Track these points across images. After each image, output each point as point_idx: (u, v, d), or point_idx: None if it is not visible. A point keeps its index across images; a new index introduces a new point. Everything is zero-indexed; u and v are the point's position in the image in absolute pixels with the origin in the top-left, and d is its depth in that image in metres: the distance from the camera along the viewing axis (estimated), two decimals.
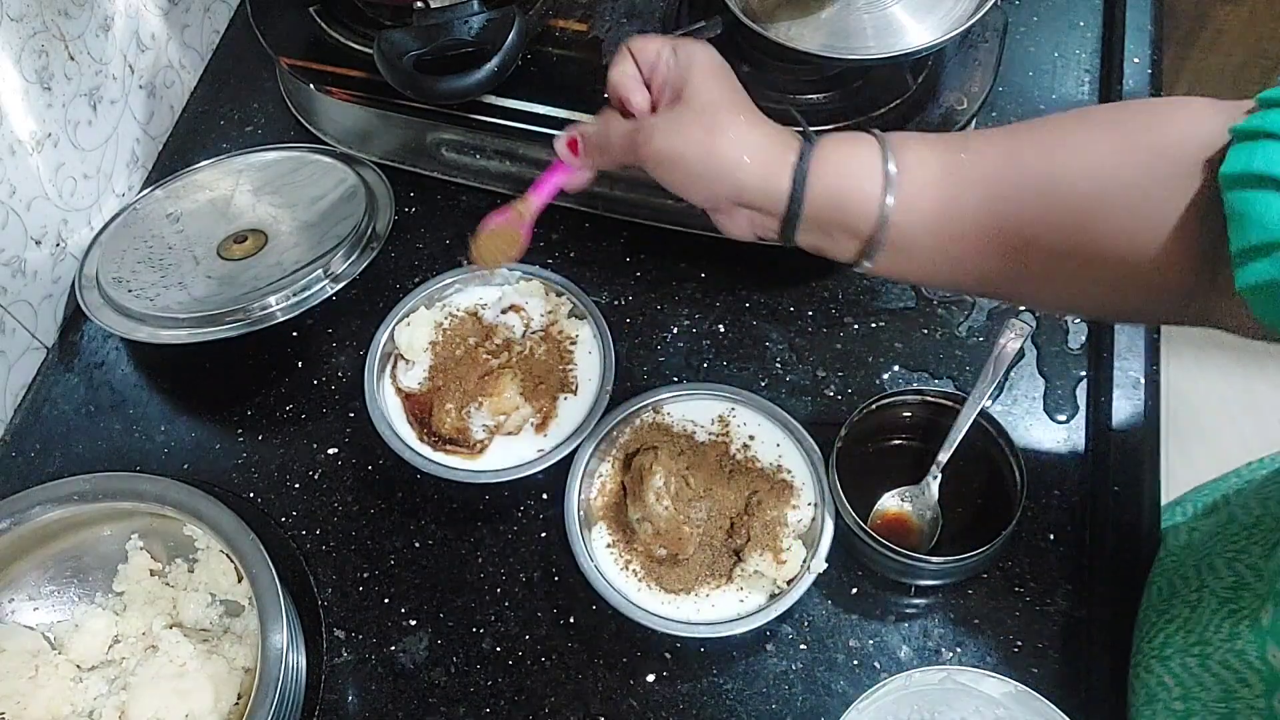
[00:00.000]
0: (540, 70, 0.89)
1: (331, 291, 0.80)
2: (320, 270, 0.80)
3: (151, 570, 0.76)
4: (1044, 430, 0.81)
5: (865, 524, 0.72)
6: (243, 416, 0.84)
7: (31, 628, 0.74)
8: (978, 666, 0.69)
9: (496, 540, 0.78)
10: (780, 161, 0.60)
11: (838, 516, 0.73)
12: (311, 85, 0.90)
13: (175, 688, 0.70)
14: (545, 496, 0.79)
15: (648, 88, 0.66)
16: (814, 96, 0.84)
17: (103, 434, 0.84)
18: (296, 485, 0.81)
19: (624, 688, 0.72)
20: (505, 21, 0.85)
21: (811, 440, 0.76)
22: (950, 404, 0.76)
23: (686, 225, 0.89)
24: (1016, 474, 0.73)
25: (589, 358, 0.82)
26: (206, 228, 0.88)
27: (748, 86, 0.84)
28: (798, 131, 0.62)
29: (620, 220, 0.91)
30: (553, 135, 0.85)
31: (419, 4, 0.86)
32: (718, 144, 0.60)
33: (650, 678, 0.73)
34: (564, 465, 0.76)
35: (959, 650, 0.72)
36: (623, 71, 0.65)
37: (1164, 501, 0.78)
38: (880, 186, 0.59)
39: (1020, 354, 0.82)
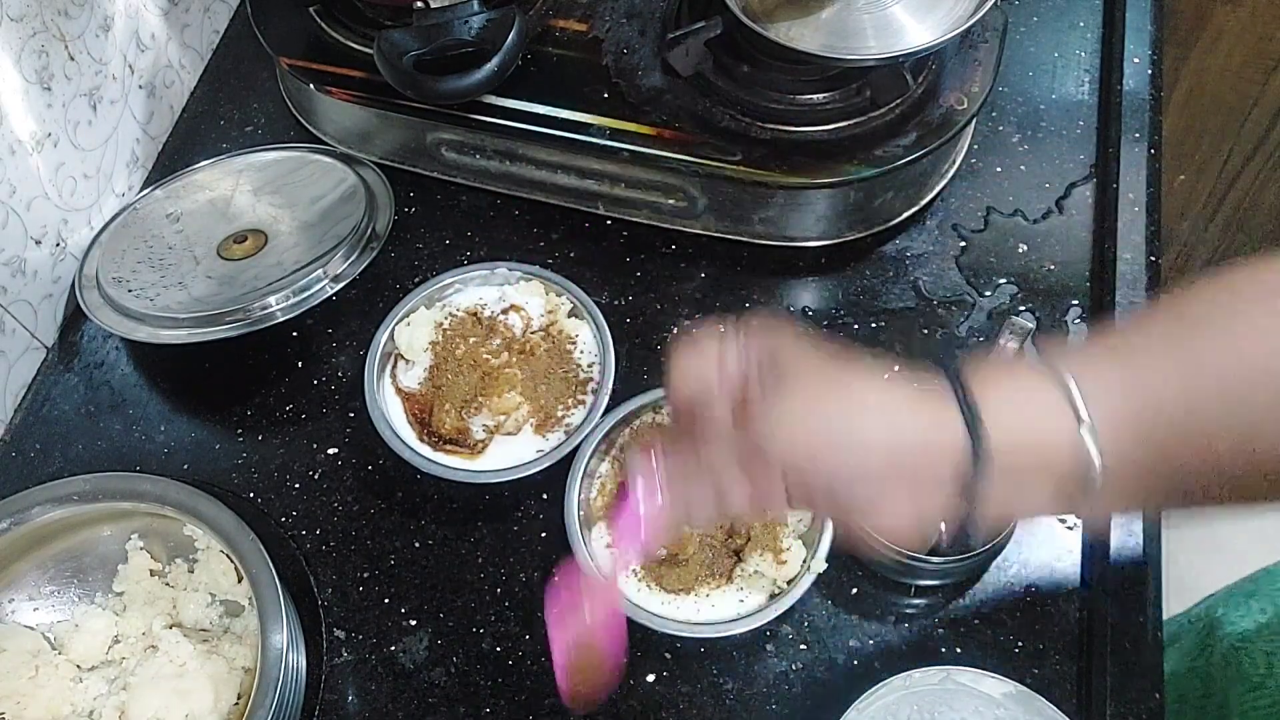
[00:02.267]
0: (540, 70, 0.89)
1: (331, 291, 0.80)
2: (320, 270, 0.80)
3: (151, 570, 0.76)
4: None
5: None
6: (243, 416, 0.84)
7: (31, 628, 0.74)
8: (978, 666, 0.69)
9: (496, 540, 0.78)
10: (939, 408, 0.49)
11: None
12: (311, 85, 0.90)
13: (175, 688, 0.70)
14: (545, 496, 0.79)
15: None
16: (814, 96, 0.84)
17: (103, 434, 0.84)
18: (296, 485, 0.81)
19: (624, 688, 0.72)
20: (505, 21, 0.85)
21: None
22: None
23: (686, 225, 0.89)
24: None
25: (589, 358, 0.82)
26: (206, 228, 0.88)
27: (748, 86, 0.85)
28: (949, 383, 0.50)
29: (620, 220, 0.91)
30: (553, 135, 0.86)
31: (419, 4, 0.86)
32: (859, 410, 0.50)
33: (650, 678, 0.73)
34: (564, 465, 0.76)
35: (959, 650, 0.72)
36: (687, 371, 0.53)
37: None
38: (1071, 421, 0.48)
39: (1020, 354, 0.82)
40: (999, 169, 0.93)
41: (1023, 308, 0.85)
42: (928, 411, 0.50)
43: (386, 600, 0.76)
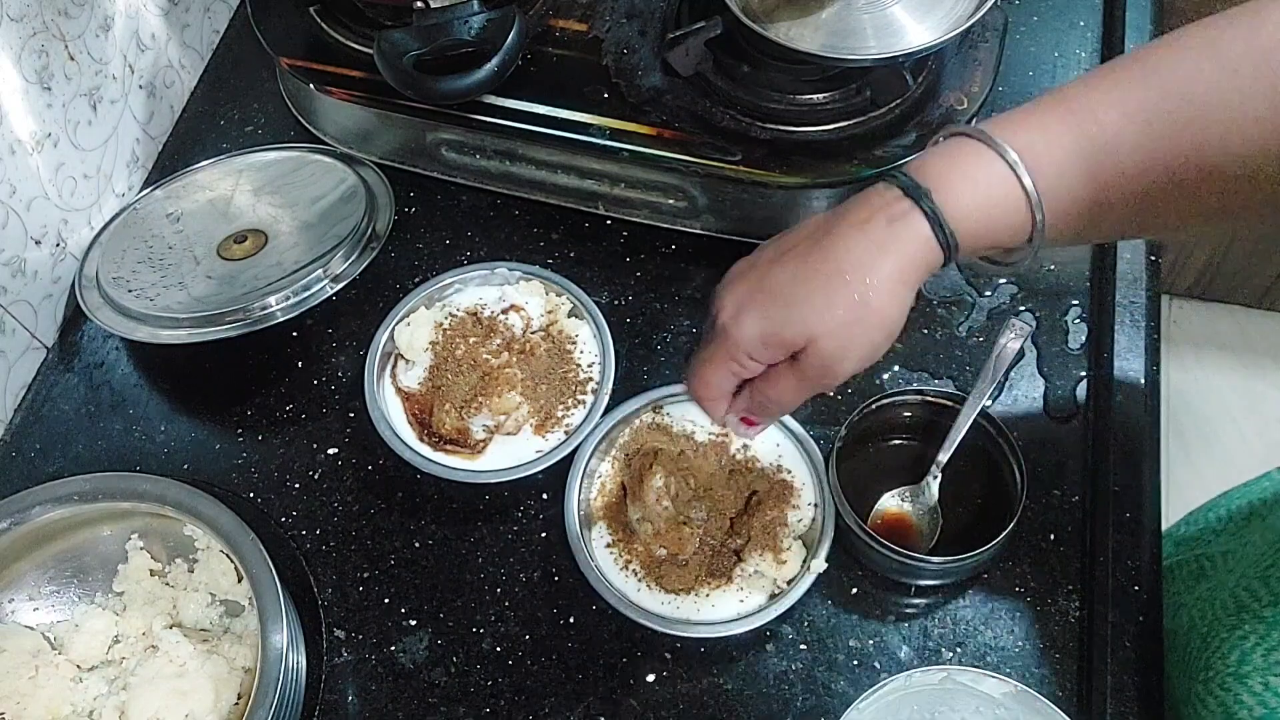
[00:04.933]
0: (540, 70, 0.89)
1: (331, 291, 0.80)
2: (320, 270, 0.80)
3: (151, 570, 0.76)
4: (1044, 430, 0.80)
5: (865, 524, 0.72)
6: (243, 416, 0.84)
7: (31, 628, 0.74)
8: (978, 666, 0.69)
9: (496, 540, 0.78)
10: (915, 240, 0.55)
11: (838, 516, 0.73)
12: (311, 85, 0.90)
13: (175, 688, 0.70)
14: (545, 496, 0.79)
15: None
16: (814, 96, 0.84)
17: (103, 434, 0.84)
18: (296, 485, 0.81)
19: (624, 688, 0.72)
20: (505, 21, 0.85)
21: (811, 440, 0.76)
22: (950, 404, 0.76)
23: (686, 225, 0.89)
24: (1016, 474, 0.73)
25: (589, 358, 0.82)
26: (206, 228, 0.88)
27: (748, 86, 0.85)
28: (895, 186, 0.55)
29: (620, 220, 0.91)
30: (553, 135, 0.86)
31: (419, 4, 0.86)
32: (867, 295, 0.54)
33: (650, 678, 0.73)
34: (564, 465, 0.76)
35: (959, 650, 0.72)
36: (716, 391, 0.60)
37: (1165, 497, 0.77)
38: (1024, 212, 0.54)
39: (1020, 354, 0.82)
40: None
41: (1023, 308, 0.85)
42: (908, 248, 0.55)
43: (386, 600, 0.76)
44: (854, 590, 0.75)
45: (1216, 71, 0.51)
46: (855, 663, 0.72)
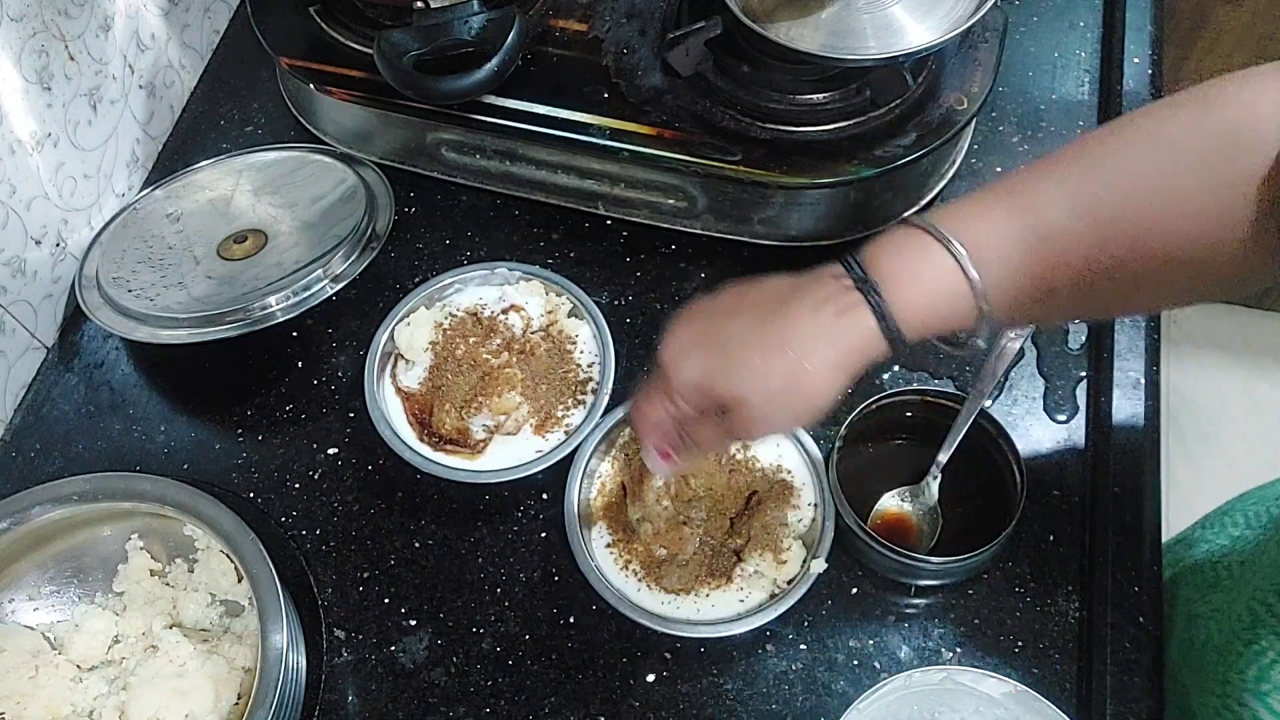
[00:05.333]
0: (540, 70, 0.89)
1: (331, 291, 0.80)
2: (320, 270, 0.80)
3: (151, 570, 0.76)
4: (1044, 430, 0.80)
5: (865, 524, 0.72)
6: (243, 416, 0.84)
7: (31, 628, 0.74)
8: (978, 666, 0.69)
9: (496, 540, 0.78)
10: (860, 332, 0.56)
11: (838, 516, 0.73)
12: (311, 85, 0.90)
13: (175, 688, 0.70)
14: (545, 496, 0.79)
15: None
16: (814, 96, 0.84)
17: (103, 434, 0.84)
18: (296, 485, 0.81)
19: (624, 688, 0.72)
20: (505, 21, 0.85)
21: (811, 440, 0.76)
22: (950, 404, 0.76)
23: (686, 225, 0.89)
24: (1016, 474, 0.73)
25: (589, 358, 0.82)
26: (206, 228, 0.88)
27: (748, 86, 0.85)
28: (849, 276, 0.57)
29: (620, 220, 0.91)
30: (553, 135, 0.86)
31: (419, 4, 0.86)
32: (801, 377, 0.56)
33: (650, 678, 0.73)
34: (564, 465, 0.76)
35: (959, 650, 0.72)
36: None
37: (1165, 497, 0.77)
38: (970, 303, 0.56)
39: (1020, 354, 0.82)
40: (999, 169, 0.93)
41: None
42: (852, 336, 0.56)
43: (386, 600, 0.76)
44: (854, 590, 0.75)
45: (1159, 163, 0.53)
46: (855, 663, 0.72)
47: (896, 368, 0.83)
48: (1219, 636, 0.70)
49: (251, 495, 0.81)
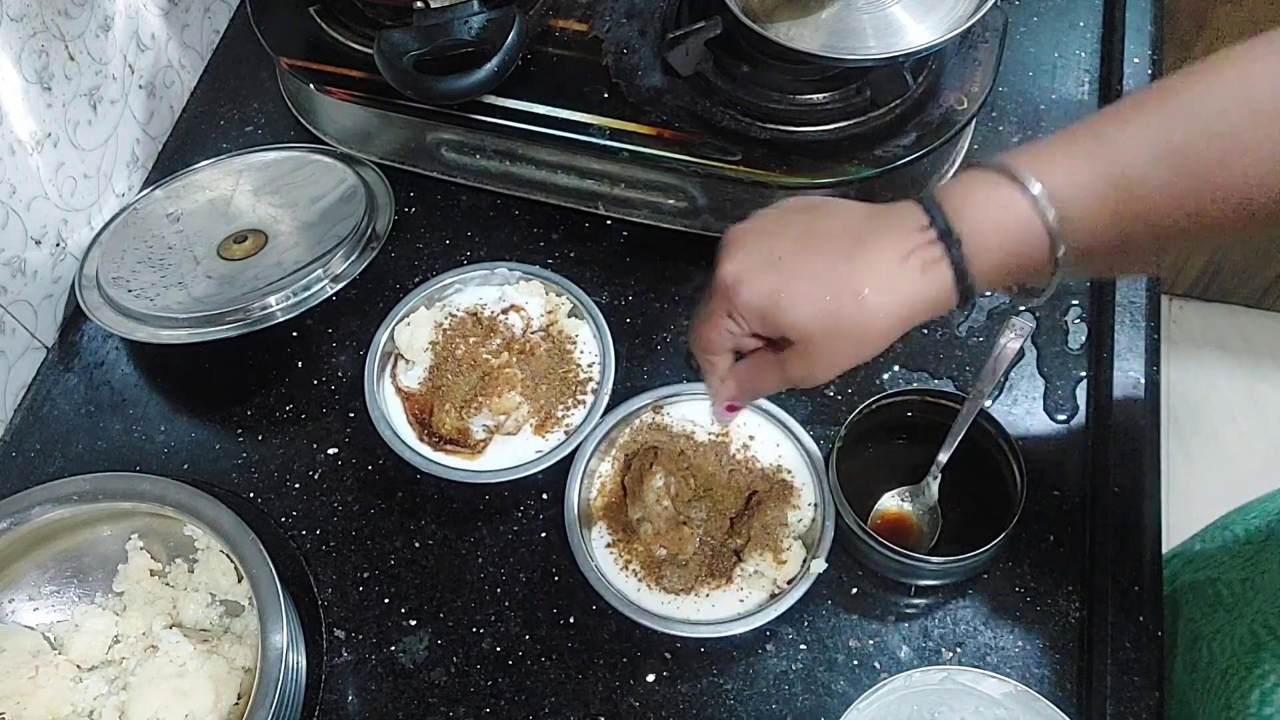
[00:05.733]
0: (540, 70, 0.89)
1: (331, 291, 0.80)
2: (320, 270, 0.80)
3: (151, 570, 0.76)
4: (1044, 430, 0.80)
5: (865, 524, 0.72)
6: (243, 416, 0.84)
7: (31, 628, 0.74)
8: (978, 666, 0.69)
9: (496, 540, 0.78)
10: (937, 287, 0.54)
11: (838, 516, 0.73)
12: (311, 85, 0.90)
13: (175, 688, 0.70)
14: (545, 496, 0.79)
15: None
16: (814, 96, 0.84)
17: (103, 434, 0.84)
18: (296, 485, 0.81)
19: (624, 688, 0.72)
20: (505, 21, 0.85)
21: (811, 440, 0.76)
22: (950, 404, 0.76)
23: (686, 225, 0.89)
24: (1016, 474, 0.73)
25: (589, 358, 0.82)
26: (206, 228, 0.88)
27: (748, 86, 0.85)
28: (933, 227, 0.54)
29: (620, 220, 0.91)
30: (553, 135, 0.86)
31: (419, 4, 0.86)
32: (870, 323, 0.54)
33: (650, 678, 0.73)
34: (564, 465, 0.76)
35: (959, 650, 0.72)
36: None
37: (1165, 497, 0.77)
38: (1046, 254, 0.54)
39: (1020, 354, 0.82)
40: None
41: (1023, 308, 0.85)
42: (922, 277, 0.53)
43: (386, 600, 0.76)
44: (854, 590, 0.75)
45: (1244, 111, 0.51)
46: (855, 663, 0.72)
47: (897, 368, 0.83)
48: (1222, 659, 0.70)
49: (251, 495, 0.81)
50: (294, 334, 0.88)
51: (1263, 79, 0.52)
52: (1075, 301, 0.86)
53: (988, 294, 0.87)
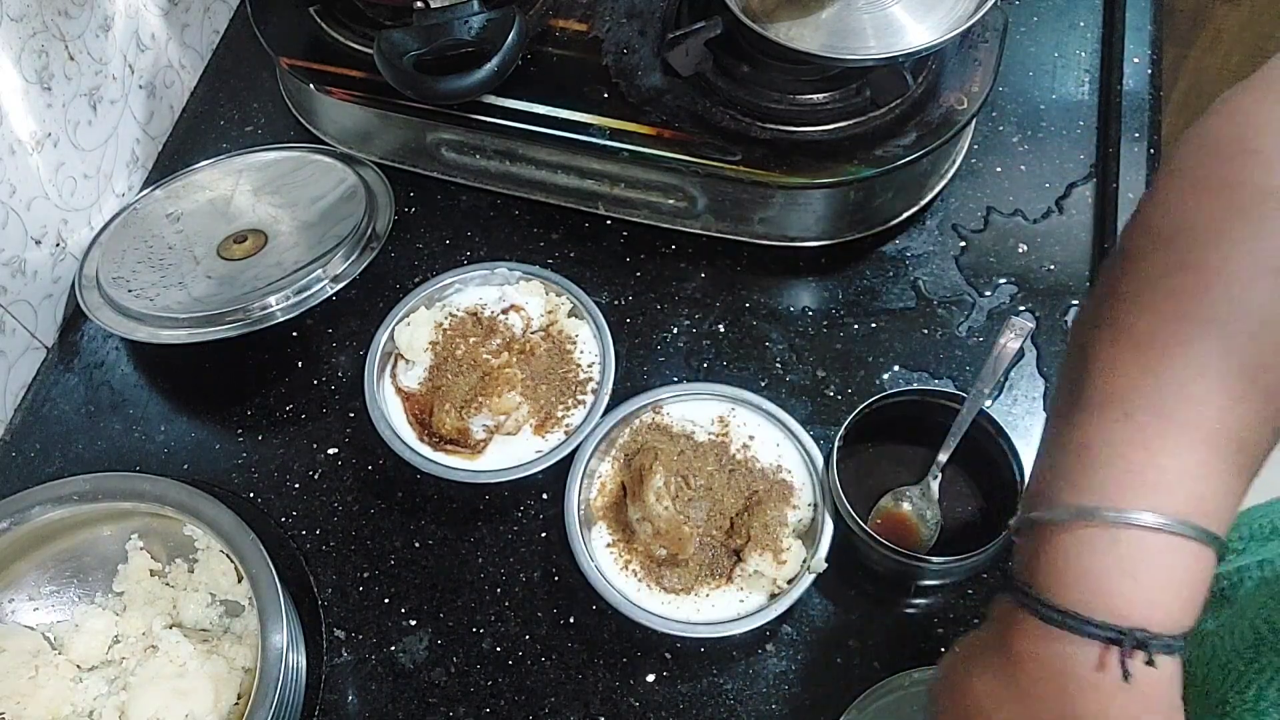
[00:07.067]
0: (540, 70, 0.89)
1: (331, 291, 0.80)
2: (320, 270, 0.80)
3: (151, 570, 0.76)
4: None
5: (865, 524, 0.72)
6: (243, 416, 0.84)
7: (31, 628, 0.74)
8: None
9: (496, 540, 0.78)
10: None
11: (838, 516, 0.73)
12: (311, 85, 0.90)
13: (175, 688, 0.70)
14: (545, 496, 0.79)
15: None
16: (814, 96, 0.84)
17: (103, 434, 0.84)
18: (296, 485, 0.81)
19: (624, 688, 0.72)
20: (505, 21, 0.85)
21: (811, 440, 0.76)
22: (950, 404, 0.76)
23: (686, 225, 0.89)
24: (1016, 474, 0.73)
25: (589, 358, 0.82)
26: (206, 228, 0.88)
27: (748, 86, 0.85)
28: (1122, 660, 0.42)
29: (620, 220, 0.91)
30: (553, 135, 0.86)
31: (419, 4, 0.86)
32: None
33: (650, 678, 0.73)
34: (564, 465, 0.76)
35: None
36: None
37: None
38: (1214, 564, 0.43)
39: (1020, 354, 0.82)
40: (999, 169, 0.93)
41: (1023, 308, 0.85)
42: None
43: (386, 600, 0.76)
44: (854, 590, 0.75)
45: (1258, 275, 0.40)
46: (855, 662, 0.72)
47: (897, 368, 0.83)
48: (1223, 655, 0.70)
49: (251, 495, 0.81)
50: (294, 334, 0.88)
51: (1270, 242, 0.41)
52: (1075, 302, 0.86)
53: (987, 294, 0.87)
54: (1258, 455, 0.42)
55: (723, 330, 0.86)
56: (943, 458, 0.74)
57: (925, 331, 0.85)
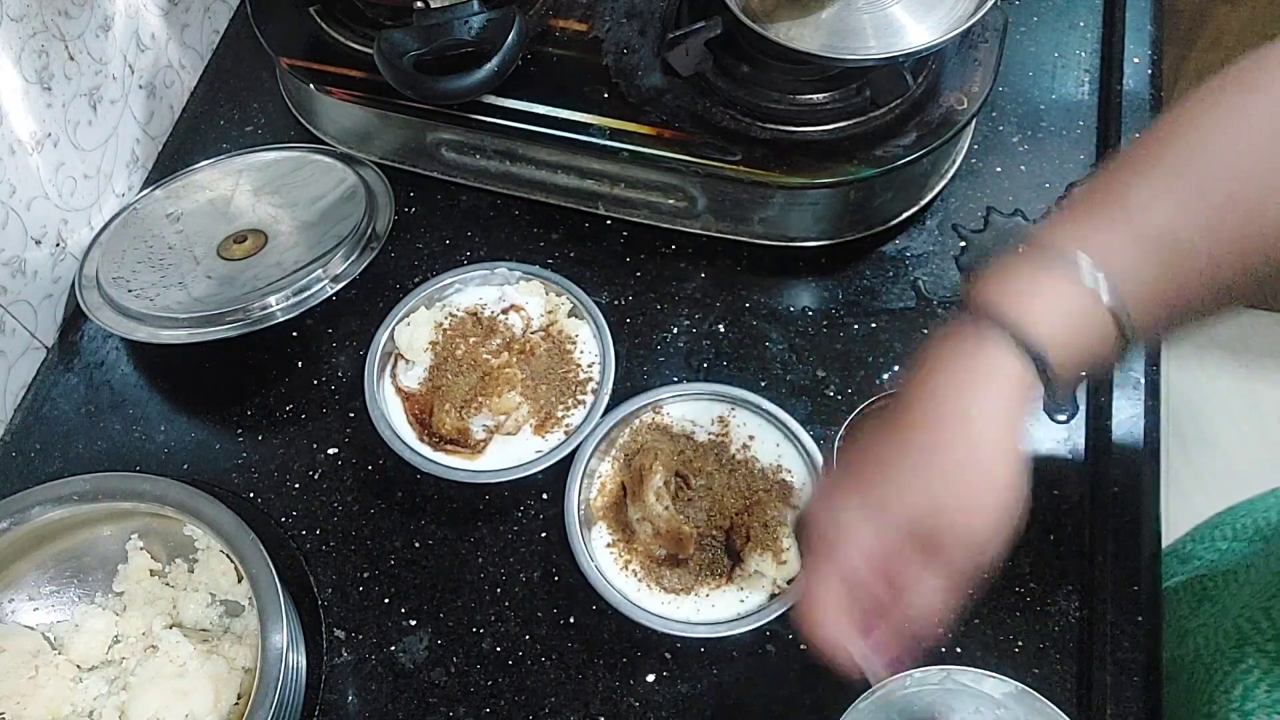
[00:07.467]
0: (540, 70, 0.89)
1: (331, 291, 0.80)
2: (320, 270, 0.80)
3: (151, 570, 0.76)
4: (1044, 430, 0.80)
5: None
6: (243, 416, 0.84)
7: (31, 628, 0.74)
8: (978, 666, 0.69)
9: (496, 540, 0.78)
10: (1032, 406, 0.51)
11: None
12: (311, 85, 0.90)
13: (175, 688, 0.70)
14: (545, 496, 0.79)
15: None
16: (814, 96, 0.84)
17: (103, 434, 0.84)
18: (296, 485, 0.81)
19: (624, 688, 0.72)
20: (505, 21, 0.85)
21: (811, 440, 0.76)
22: None
23: (686, 225, 0.89)
24: None
25: (589, 358, 0.82)
26: (206, 228, 0.88)
27: (748, 86, 0.85)
28: (1016, 358, 0.51)
29: (620, 220, 0.91)
30: (553, 135, 0.86)
31: (419, 4, 0.86)
32: (1003, 485, 0.50)
33: (650, 678, 0.73)
34: (564, 465, 0.76)
35: (959, 650, 0.72)
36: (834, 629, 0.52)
37: (1164, 498, 0.77)
38: (1117, 341, 0.51)
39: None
40: (999, 169, 0.93)
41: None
42: (1016, 406, 0.50)
43: (386, 600, 0.76)
44: None
45: (1262, 142, 0.49)
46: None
47: (896, 368, 0.83)
48: (1207, 653, 0.70)
49: (251, 495, 0.81)
50: (294, 334, 0.88)
51: (1266, 104, 0.50)
52: None
53: None
54: (1191, 258, 0.50)
55: (723, 330, 0.86)
56: None
57: (925, 331, 0.85)
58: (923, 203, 0.90)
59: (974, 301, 0.52)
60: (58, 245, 0.87)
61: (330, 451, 0.83)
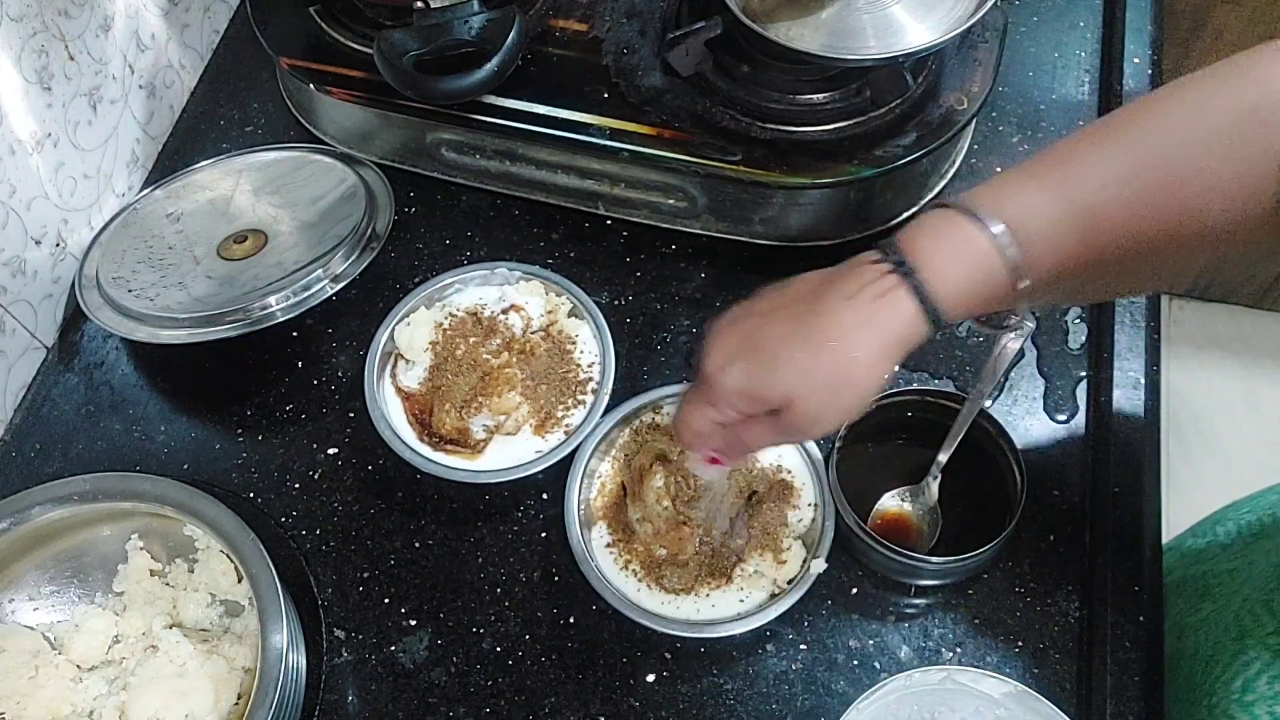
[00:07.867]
0: (540, 70, 0.89)
1: (331, 291, 0.80)
2: (320, 270, 0.80)
3: (151, 570, 0.76)
4: (1044, 430, 0.80)
5: (865, 524, 0.72)
6: (243, 416, 0.84)
7: (31, 628, 0.74)
8: (978, 666, 0.69)
9: (496, 540, 0.78)
10: (901, 316, 0.56)
11: (838, 516, 0.73)
12: (311, 85, 0.90)
13: (175, 688, 0.70)
14: (545, 496, 0.79)
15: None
16: (814, 96, 0.84)
17: (103, 434, 0.84)
18: (296, 485, 0.81)
19: (624, 688, 0.72)
20: (505, 21, 0.85)
21: (811, 440, 0.76)
22: (950, 404, 0.76)
23: (686, 225, 0.89)
24: (1016, 474, 0.73)
25: (589, 358, 0.82)
26: (206, 228, 0.88)
27: (748, 86, 0.85)
28: (885, 261, 0.57)
29: (620, 220, 0.91)
30: (553, 135, 0.86)
31: (419, 4, 0.86)
32: (849, 368, 0.56)
33: (650, 678, 0.73)
34: (564, 465, 0.76)
35: (959, 650, 0.72)
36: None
37: (1165, 497, 0.77)
38: (1008, 282, 0.55)
39: (1020, 354, 0.82)
40: (999, 169, 0.93)
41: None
42: (895, 322, 0.56)
43: (386, 600, 0.76)
44: (854, 590, 0.75)
45: (1199, 134, 0.53)
46: (855, 663, 0.72)
47: (896, 368, 0.83)
48: (1207, 647, 0.70)
49: (251, 495, 0.81)
50: (294, 334, 0.88)
51: (1218, 101, 0.53)
52: None
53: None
54: (1110, 231, 0.54)
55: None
56: (943, 458, 0.74)
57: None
58: (923, 203, 0.90)
59: (892, 244, 0.57)
60: (58, 245, 0.87)
61: (330, 451, 0.83)
